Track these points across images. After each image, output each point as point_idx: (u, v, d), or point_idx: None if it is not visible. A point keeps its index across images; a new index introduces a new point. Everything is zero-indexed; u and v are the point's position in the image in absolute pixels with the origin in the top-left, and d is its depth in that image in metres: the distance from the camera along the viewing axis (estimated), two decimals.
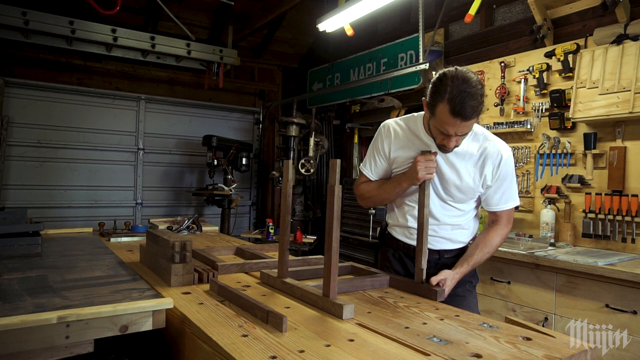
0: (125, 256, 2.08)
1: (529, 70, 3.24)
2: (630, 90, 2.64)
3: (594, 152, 2.87)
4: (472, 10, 3.10)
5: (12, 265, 1.73)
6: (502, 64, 3.42)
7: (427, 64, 3.57)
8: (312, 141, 4.67)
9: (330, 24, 3.66)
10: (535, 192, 3.24)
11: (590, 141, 2.88)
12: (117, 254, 2.08)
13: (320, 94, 5.42)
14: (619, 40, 2.77)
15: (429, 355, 1.04)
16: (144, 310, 1.21)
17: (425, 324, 1.26)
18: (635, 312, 2.21)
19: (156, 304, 1.24)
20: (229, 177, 4.86)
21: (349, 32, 3.75)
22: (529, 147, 3.28)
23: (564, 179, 3.05)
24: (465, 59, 3.85)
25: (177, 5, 4.81)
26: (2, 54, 4.41)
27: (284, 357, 1.00)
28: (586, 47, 2.99)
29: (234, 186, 4.87)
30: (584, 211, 2.90)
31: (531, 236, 3.04)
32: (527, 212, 3.27)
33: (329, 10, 3.60)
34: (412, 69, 3.72)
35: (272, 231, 4.57)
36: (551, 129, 3.13)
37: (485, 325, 1.26)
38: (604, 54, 2.82)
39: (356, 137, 5.14)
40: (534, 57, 3.25)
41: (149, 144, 5.07)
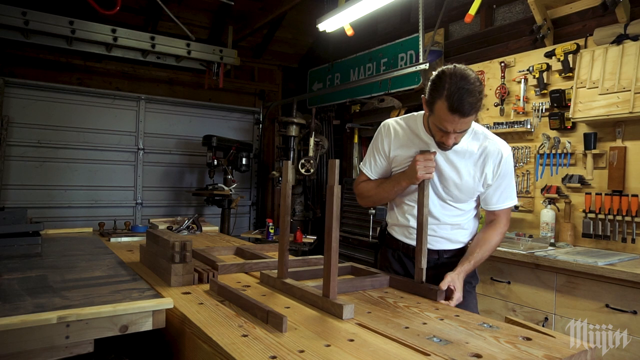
0: (125, 256, 2.08)
1: (529, 70, 3.24)
2: (630, 90, 2.64)
3: (594, 152, 2.87)
4: (472, 10, 3.10)
5: (12, 265, 1.73)
6: (502, 64, 3.42)
7: (427, 64, 3.57)
8: (312, 141, 4.67)
9: (330, 24, 3.66)
10: (535, 192, 3.24)
11: (590, 141, 2.88)
12: (117, 254, 2.08)
13: (320, 94, 5.42)
14: (619, 40, 2.77)
15: (429, 355, 1.04)
16: (144, 310, 1.21)
17: (425, 324, 1.26)
18: (635, 312, 2.21)
19: (156, 304, 1.24)
20: (229, 177, 4.86)
21: (349, 32, 3.75)
22: (529, 147, 3.28)
23: (564, 179, 3.05)
24: (465, 59, 3.81)
25: (177, 5, 4.81)
26: (2, 54, 4.42)
27: (284, 357, 1.00)
28: (586, 47, 2.99)
29: (234, 186, 4.87)
30: (584, 211, 2.90)
31: (531, 236, 3.04)
32: (527, 212, 3.27)
33: (329, 10, 3.60)
34: (412, 69, 3.71)
35: (272, 231, 4.57)
36: (551, 129, 3.13)
37: (485, 325, 1.26)
38: (604, 54, 2.82)
39: (356, 137, 5.14)
40: (534, 57, 3.25)
41: (149, 144, 5.07)
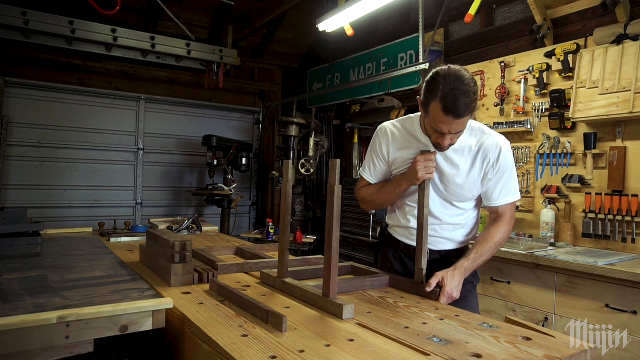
0: (125, 256, 2.08)
1: (529, 70, 3.24)
2: (630, 90, 2.64)
3: (594, 152, 2.87)
4: (472, 10, 3.10)
5: (12, 265, 1.73)
6: (502, 64, 3.42)
7: (427, 64, 3.57)
8: (312, 141, 4.67)
9: (330, 24, 3.66)
10: (535, 192, 3.24)
11: (590, 141, 2.88)
12: (117, 254, 2.08)
13: (320, 94, 5.42)
14: (619, 40, 2.77)
15: (429, 355, 1.04)
16: (144, 310, 1.21)
17: (425, 324, 1.26)
18: (635, 312, 2.21)
19: (156, 304, 1.24)
20: (229, 177, 4.86)
21: (349, 32, 3.75)
22: (529, 147, 3.28)
23: (564, 179, 3.05)
24: (465, 59, 3.85)
25: (177, 5, 4.81)
26: (2, 54, 4.42)
27: (284, 357, 1.00)
28: (586, 47, 2.99)
29: (234, 186, 4.87)
30: (584, 211, 2.90)
31: (531, 236, 3.04)
32: (527, 212, 3.27)
33: (329, 10, 3.60)
34: (412, 69, 3.71)
35: (272, 231, 4.57)
36: (551, 129, 3.13)
37: (485, 325, 1.26)
38: (604, 54, 2.82)
39: (356, 137, 5.14)
40: (534, 57, 3.25)
41: (149, 144, 5.06)
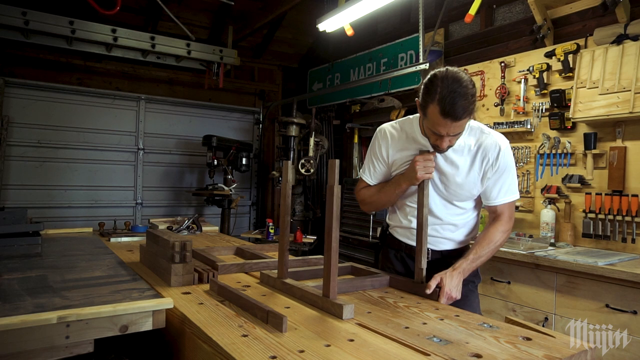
0: (125, 256, 2.08)
1: (529, 70, 3.24)
2: (630, 90, 2.64)
3: (594, 152, 2.87)
4: (472, 10, 3.10)
5: (12, 265, 1.73)
6: (502, 64, 3.42)
7: (427, 64, 3.57)
8: (312, 141, 4.66)
9: (330, 24, 3.66)
10: (535, 192, 3.24)
11: (590, 141, 2.88)
12: (117, 254, 2.08)
13: (320, 94, 5.42)
14: (619, 40, 2.77)
15: (429, 355, 1.04)
16: (144, 310, 1.21)
17: (425, 324, 1.26)
18: (635, 312, 2.21)
19: (156, 304, 1.24)
20: (229, 177, 4.86)
21: (349, 32, 3.75)
22: (529, 147, 3.28)
23: (564, 179, 3.05)
24: (465, 59, 3.85)
25: (177, 5, 4.81)
26: (2, 54, 4.41)
27: (284, 357, 1.00)
28: (586, 47, 2.99)
29: (234, 186, 4.87)
30: (584, 211, 2.90)
31: (531, 236, 3.04)
32: (527, 212, 3.27)
33: (329, 10, 3.60)
34: (412, 69, 3.71)
35: (272, 231, 4.57)
36: (551, 129, 3.13)
37: (485, 325, 1.26)
38: (604, 54, 2.82)
39: (356, 137, 5.14)
40: (534, 57, 3.25)
41: (149, 144, 5.06)
